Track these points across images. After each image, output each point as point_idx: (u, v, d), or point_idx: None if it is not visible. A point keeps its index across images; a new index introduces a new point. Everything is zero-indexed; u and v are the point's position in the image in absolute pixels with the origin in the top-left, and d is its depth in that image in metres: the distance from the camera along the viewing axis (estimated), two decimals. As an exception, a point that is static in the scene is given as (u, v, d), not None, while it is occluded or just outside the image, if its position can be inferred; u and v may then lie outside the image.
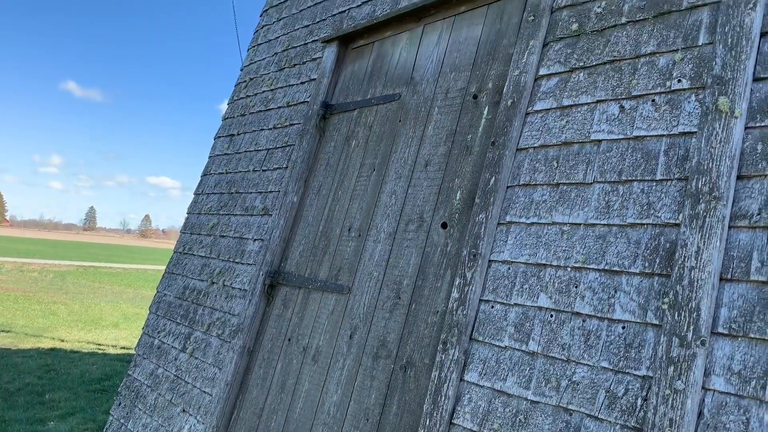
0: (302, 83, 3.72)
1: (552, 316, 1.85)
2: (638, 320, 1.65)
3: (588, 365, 1.72)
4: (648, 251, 1.70)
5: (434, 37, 2.87)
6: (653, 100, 1.85)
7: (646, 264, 1.69)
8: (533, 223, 2.03)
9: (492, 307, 2.04)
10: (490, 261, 2.11)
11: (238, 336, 3.17)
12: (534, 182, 2.08)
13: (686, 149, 1.71)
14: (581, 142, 2.00)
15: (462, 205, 2.36)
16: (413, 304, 2.39)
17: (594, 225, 1.86)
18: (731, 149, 1.59)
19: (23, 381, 6.83)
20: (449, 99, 2.64)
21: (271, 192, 3.55)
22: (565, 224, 1.94)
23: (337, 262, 2.87)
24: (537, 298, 1.91)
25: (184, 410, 3.34)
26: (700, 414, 1.45)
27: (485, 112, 2.43)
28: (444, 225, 2.41)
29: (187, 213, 4.44)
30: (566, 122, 2.06)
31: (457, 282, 2.14)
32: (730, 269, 1.52)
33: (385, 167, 2.84)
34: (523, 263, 2.00)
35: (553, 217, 1.97)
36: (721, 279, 1.53)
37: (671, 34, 1.88)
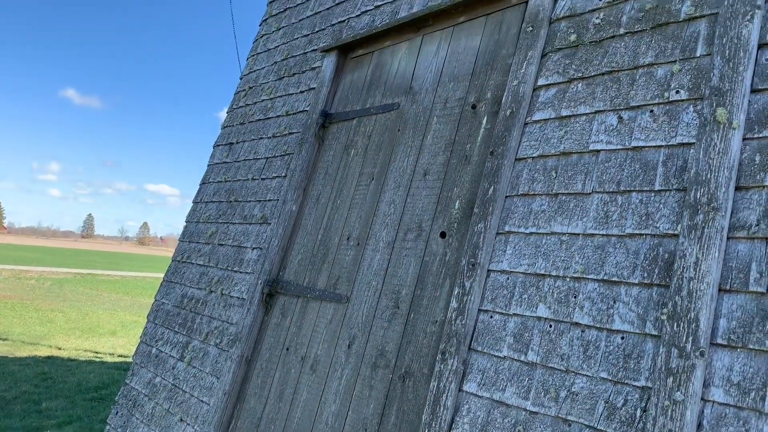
0: (301, 92, 3.73)
1: (551, 327, 1.85)
2: (637, 331, 1.65)
3: (587, 376, 1.71)
4: (647, 262, 1.70)
5: (433, 47, 2.88)
6: (651, 111, 1.86)
7: (645, 274, 1.69)
8: (532, 233, 2.03)
9: (491, 317, 2.03)
10: (489, 271, 2.11)
11: (236, 345, 3.16)
12: (533, 192, 2.08)
13: (684, 160, 1.72)
14: (580, 153, 2.00)
15: (461, 215, 2.36)
16: (412, 314, 2.38)
17: (593, 235, 1.86)
18: (729, 160, 1.60)
19: (20, 389, 6.80)
20: (448, 108, 2.64)
21: (270, 201, 3.55)
22: (564, 234, 1.94)
23: (336, 271, 2.87)
24: (536, 308, 1.91)
25: (182, 419, 3.32)
26: (700, 425, 1.45)
27: (484, 122, 2.44)
28: (443, 234, 2.41)
29: (186, 221, 4.43)
30: (565, 132, 2.07)
31: (456, 292, 2.14)
32: (729, 280, 1.52)
33: (384, 176, 2.84)
34: (522, 273, 2.00)
35: (552, 227, 1.97)
36: (720, 290, 1.53)
37: (669, 46, 1.89)
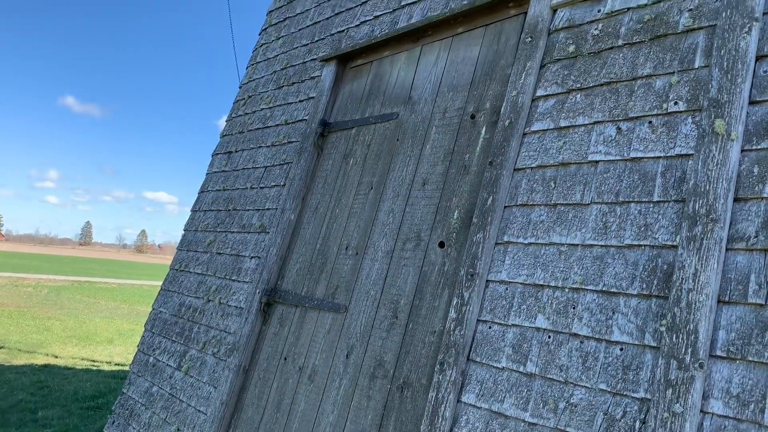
0: (301, 101, 3.73)
1: (550, 338, 1.85)
2: (636, 342, 1.65)
3: (586, 387, 1.71)
4: (646, 273, 1.70)
5: (432, 58, 2.89)
6: (650, 122, 1.86)
7: (644, 285, 1.69)
8: (531, 244, 2.03)
9: (489, 328, 2.03)
10: (488, 281, 2.11)
11: (234, 354, 3.15)
12: (532, 202, 2.08)
13: (683, 171, 1.72)
14: (578, 163, 2.00)
15: (459, 225, 2.36)
16: (410, 324, 2.38)
17: (592, 246, 1.86)
18: (728, 171, 1.60)
19: (16, 398, 6.76)
20: (447, 118, 2.65)
21: (269, 209, 3.55)
22: (563, 245, 1.93)
23: (334, 281, 2.86)
24: (535, 319, 1.91)
25: (179, 429, 3.30)
26: (699, 438, 1.44)
27: (483, 132, 2.44)
28: (441, 244, 2.40)
29: (184, 230, 4.43)
30: (563, 143, 2.07)
31: (455, 302, 2.14)
32: (728, 292, 1.51)
33: (383, 186, 2.84)
34: (521, 283, 2.00)
35: (551, 238, 1.97)
36: (719, 301, 1.52)
37: (667, 57, 1.90)
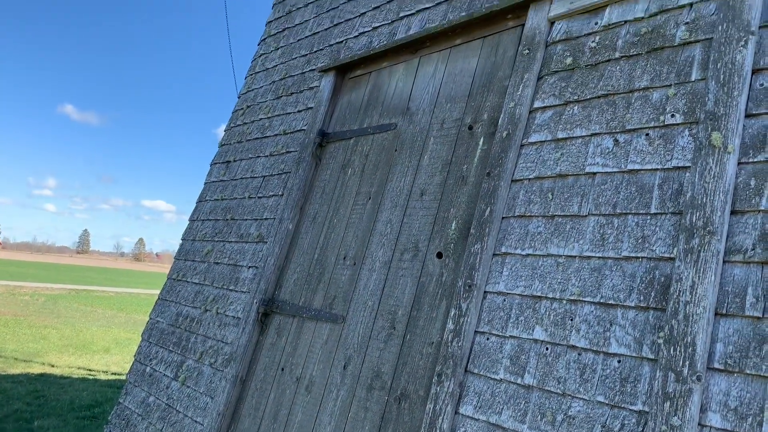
0: (299, 111, 3.74)
1: (547, 349, 1.84)
2: (634, 354, 1.64)
3: (584, 399, 1.70)
4: (643, 285, 1.70)
5: (430, 69, 2.90)
6: (647, 134, 1.87)
7: (641, 298, 1.69)
8: (528, 255, 2.03)
9: (487, 339, 2.03)
10: (486, 292, 2.11)
11: (231, 365, 3.14)
12: (529, 214, 2.09)
13: (680, 183, 1.73)
14: (576, 175, 2.01)
15: (457, 235, 2.36)
16: (408, 335, 2.37)
17: (589, 257, 1.86)
18: (725, 184, 1.60)
19: (12, 407, 6.72)
20: (445, 129, 2.66)
21: (267, 219, 3.55)
22: (561, 256, 1.94)
23: (332, 291, 2.86)
24: (532, 331, 1.90)
25: (175, 440, 3.28)
26: (697, 451, 1.44)
27: (480, 143, 2.45)
28: (439, 255, 2.40)
29: (182, 239, 4.42)
30: (561, 155, 2.08)
31: (453, 313, 2.13)
32: (725, 304, 1.52)
33: (381, 196, 2.84)
34: (519, 295, 2.00)
35: (549, 249, 1.97)
36: (716, 314, 1.53)
37: (664, 70, 1.91)
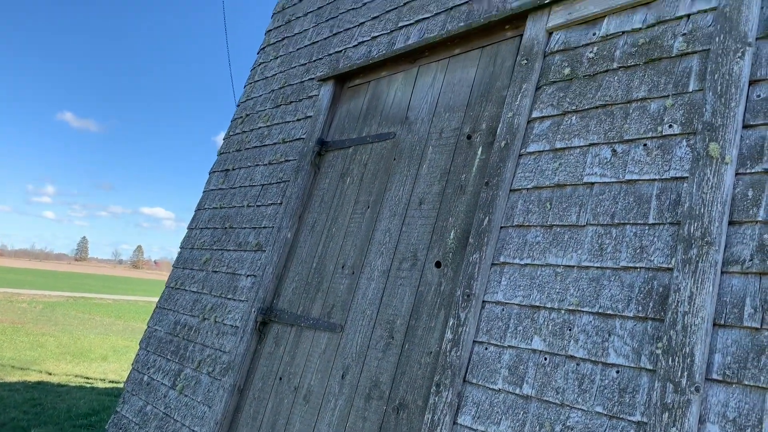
0: (298, 120, 3.75)
1: (546, 359, 1.84)
2: (632, 365, 1.64)
3: (582, 410, 1.70)
4: (641, 295, 1.70)
5: (429, 78, 2.91)
6: (645, 145, 1.87)
7: (640, 308, 1.69)
8: (527, 264, 2.03)
9: (486, 349, 2.02)
10: (484, 302, 2.10)
11: (229, 374, 3.13)
12: (528, 223, 2.09)
13: (678, 194, 1.73)
14: (574, 185, 2.01)
15: (456, 245, 2.36)
16: (407, 344, 2.37)
17: (587, 267, 1.86)
18: (722, 195, 1.61)
19: (8, 416, 6.68)
20: (443, 138, 2.66)
21: (265, 228, 3.55)
22: (559, 266, 1.94)
23: (330, 300, 2.86)
24: (531, 341, 1.90)
25: (172, 450, 3.27)
26: (696, 463, 1.43)
27: (479, 153, 2.45)
28: (438, 264, 2.40)
29: (180, 247, 4.42)
30: (559, 164, 2.08)
31: (451, 322, 2.13)
32: (724, 315, 1.52)
33: (380, 205, 2.84)
34: (517, 305, 2.00)
35: (547, 259, 1.97)
36: (715, 324, 1.52)
37: (662, 80, 1.92)
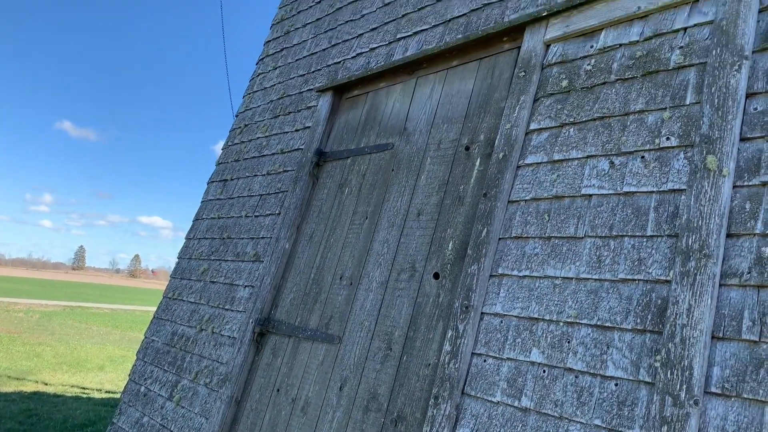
0: (297, 131, 3.75)
1: (545, 372, 1.84)
2: (631, 378, 1.64)
3: (581, 423, 1.69)
4: (640, 307, 1.70)
5: (427, 90, 2.92)
6: (643, 157, 1.88)
7: (638, 320, 1.68)
8: (525, 276, 2.03)
9: (484, 361, 2.02)
10: (483, 314, 2.10)
11: (226, 385, 3.11)
12: (526, 235, 2.09)
13: (676, 206, 1.73)
14: (572, 197, 2.02)
15: (454, 256, 2.36)
16: (405, 356, 2.36)
17: (586, 279, 1.86)
18: (720, 207, 1.61)
19: (4, 427, 6.64)
20: (442, 150, 2.67)
21: (263, 238, 3.54)
22: (557, 278, 1.93)
23: (328, 311, 2.85)
24: (529, 353, 1.90)
25: (169, 462, 3.25)
26: (696, 477, 1.43)
27: (477, 164, 2.46)
28: (436, 275, 2.40)
29: (178, 258, 4.41)
30: (557, 176, 2.09)
31: (450, 334, 2.13)
32: (722, 327, 1.51)
33: (378, 216, 2.84)
34: (516, 317, 1.99)
35: (545, 271, 1.97)
36: (713, 337, 1.52)
37: (659, 93, 1.92)
